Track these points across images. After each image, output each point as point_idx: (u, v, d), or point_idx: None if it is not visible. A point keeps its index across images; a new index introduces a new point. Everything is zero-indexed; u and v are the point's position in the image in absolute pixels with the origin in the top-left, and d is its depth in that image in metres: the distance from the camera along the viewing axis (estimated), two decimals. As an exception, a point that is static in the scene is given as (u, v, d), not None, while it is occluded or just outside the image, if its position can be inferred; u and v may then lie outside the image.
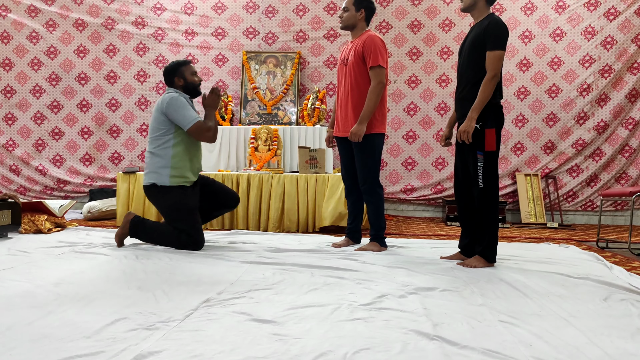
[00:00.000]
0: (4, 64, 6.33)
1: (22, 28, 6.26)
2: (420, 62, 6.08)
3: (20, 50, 6.30)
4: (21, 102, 6.36)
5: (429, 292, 2.42)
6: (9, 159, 6.40)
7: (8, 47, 6.30)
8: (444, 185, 6.10)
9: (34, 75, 6.32)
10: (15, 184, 6.37)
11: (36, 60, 6.30)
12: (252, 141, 5.47)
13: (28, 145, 6.40)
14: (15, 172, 6.39)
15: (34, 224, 4.26)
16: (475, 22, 3.14)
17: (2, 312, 2.02)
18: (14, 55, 6.31)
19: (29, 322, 1.90)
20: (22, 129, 6.39)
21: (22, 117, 6.38)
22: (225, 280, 2.62)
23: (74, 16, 6.22)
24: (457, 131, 3.07)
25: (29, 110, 6.37)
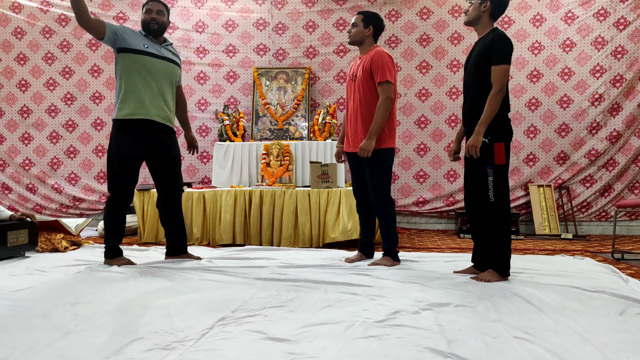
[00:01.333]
0: (20, 84, 6.45)
1: (37, 49, 6.39)
2: (430, 75, 6.11)
3: (36, 71, 6.42)
4: (37, 121, 6.47)
5: (443, 308, 2.42)
6: (26, 178, 6.50)
7: (25, 68, 6.42)
8: (456, 197, 6.09)
9: (49, 96, 6.43)
10: (32, 202, 6.46)
11: (51, 80, 6.41)
12: (264, 157, 5.51)
13: (44, 164, 6.50)
14: (32, 191, 6.48)
15: (51, 243, 4.31)
16: (480, 36, 3.16)
17: (22, 332, 2.05)
18: (30, 76, 6.43)
19: (48, 342, 1.93)
20: (38, 148, 6.49)
21: (38, 137, 6.49)
22: (240, 298, 2.64)
23: (88, 36, 6.33)
24: (465, 146, 3.08)
25: (44, 129, 6.48)
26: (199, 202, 4.95)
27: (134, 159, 3.56)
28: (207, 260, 3.81)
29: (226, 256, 4.02)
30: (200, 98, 6.37)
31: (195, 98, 6.37)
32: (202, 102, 6.37)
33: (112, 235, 3.63)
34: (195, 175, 6.40)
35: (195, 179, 6.39)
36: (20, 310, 2.39)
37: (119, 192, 3.58)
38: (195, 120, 6.37)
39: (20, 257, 3.98)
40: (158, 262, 3.71)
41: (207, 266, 3.57)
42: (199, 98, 6.37)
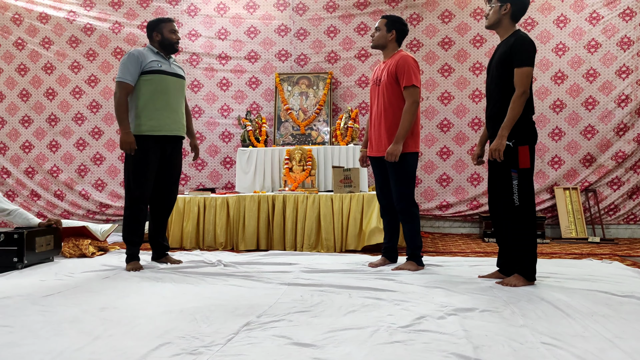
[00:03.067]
0: (48, 93, 6.58)
1: (64, 58, 6.52)
2: (452, 79, 6.07)
3: (62, 79, 6.55)
4: (64, 129, 6.60)
5: (469, 313, 2.41)
6: (54, 185, 6.62)
7: (52, 77, 6.56)
8: (480, 201, 6.03)
9: (75, 104, 6.55)
10: (60, 209, 6.58)
11: (77, 88, 6.54)
12: (286, 162, 5.53)
13: (71, 171, 6.62)
14: (60, 197, 6.60)
15: (78, 248, 4.39)
16: (502, 39, 3.14)
17: (53, 337, 2.10)
18: (57, 84, 6.56)
19: (78, 347, 1.97)
20: (66, 155, 6.62)
21: (65, 144, 6.61)
22: (264, 303, 2.66)
23: (113, 45, 6.44)
24: (489, 149, 3.06)
25: (71, 137, 6.60)
26: (222, 207, 4.99)
27: (149, 165, 3.76)
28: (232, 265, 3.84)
29: (250, 261, 4.05)
30: (223, 104, 6.42)
31: (218, 104, 6.43)
32: (224, 108, 6.43)
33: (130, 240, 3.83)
34: (218, 180, 6.45)
35: (218, 184, 6.44)
36: (50, 316, 2.44)
37: (134, 198, 3.79)
38: (218, 126, 6.43)
39: (48, 262, 4.06)
40: (183, 268, 3.76)
41: (232, 271, 3.60)
42: (221, 104, 6.43)
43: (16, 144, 6.65)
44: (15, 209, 4.27)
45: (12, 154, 6.66)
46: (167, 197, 3.99)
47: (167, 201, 4.01)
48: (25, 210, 4.38)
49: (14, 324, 2.30)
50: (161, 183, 3.93)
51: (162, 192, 3.95)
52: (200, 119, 6.43)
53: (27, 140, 6.64)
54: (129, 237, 3.82)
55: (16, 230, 3.84)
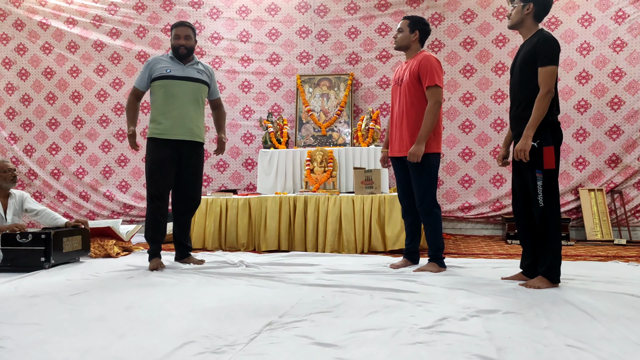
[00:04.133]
0: (73, 96, 6.70)
1: (90, 62, 6.63)
2: (474, 79, 6.03)
3: (88, 83, 6.66)
4: (90, 132, 6.71)
5: (491, 315, 2.39)
6: (79, 186, 6.74)
7: (77, 80, 6.68)
8: (503, 203, 5.98)
9: (100, 106, 6.66)
10: (85, 210, 6.69)
11: (102, 91, 6.65)
12: (307, 163, 5.55)
13: (96, 173, 6.73)
14: (85, 199, 6.72)
15: (104, 249, 4.47)
16: (525, 39, 3.11)
17: (80, 335, 2.14)
18: (83, 88, 6.68)
19: (104, 345, 2.00)
20: (91, 157, 6.73)
21: (91, 146, 6.73)
22: (286, 303, 2.67)
23: (137, 49, 6.53)
24: (514, 150, 3.04)
25: (97, 139, 6.71)
26: (244, 208, 5.02)
27: (160, 164, 3.85)
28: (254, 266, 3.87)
29: (272, 262, 4.07)
30: (245, 106, 6.47)
31: (240, 106, 6.48)
32: (246, 110, 6.47)
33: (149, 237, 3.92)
34: (240, 182, 6.50)
35: (240, 185, 6.49)
36: (77, 314, 2.49)
37: (150, 195, 3.88)
38: (240, 128, 6.48)
39: (75, 262, 4.13)
40: (206, 268, 3.79)
41: (254, 272, 3.63)
42: (243, 106, 6.47)
43: (43, 146, 6.79)
44: (43, 209, 4.37)
45: (39, 156, 6.79)
46: (187, 199, 4.03)
47: (188, 203, 4.05)
48: (52, 211, 4.46)
49: (42, 322, 2.35)
50: (181, 185, 3.99)
51: (183, 194, 4.01)
52: (222, 121, 6.48)
53: (53, 143, 6.77)
54: (148, 234, 3.92)
55: (43, 230, 3.92)
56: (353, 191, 5.15)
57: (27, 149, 6.80)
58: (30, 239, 3.78)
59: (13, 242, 3.77)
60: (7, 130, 6.80)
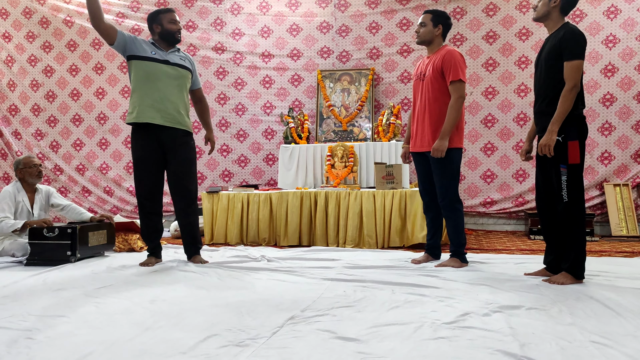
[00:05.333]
0: (98, 92, 6.80)
1: (113, 59, 6.72)
2: (497, 73, 5.96)
3: (112, 79, 6.75)
4: (113, 127, 6.81)
5: (515, 311, 2.37)
6: (104, 181, 6.84)
7: (101, 77, 6.77)
8: (526, 198, 5.91)
9: (124, 102, 6.75)
10: (109, 204, 6.79)
11: (126, 88, 6.73)
12: (328, 158, 5.56)
13: (120, 168, 6.82)
14: (109, 193, 6.82)
15: (128, 243, 4.54)
16: (550, 32, 3.07)
17: (106, 328, 2.18)
18: (107, 84, 6.77)
19: (130, 338, 2.04)
20: (115, 153, 6.82)
21: (114, 142, 6.82)
22: (308, 298, 2.68)
23: (159, 45, 6.60)
24: (538, 145, 3.00)
25: (120, 135, 6.80)
26: (265, 203, 5.05)
27: (145, 163, 3.73)
28: (276, 260, 3.90)
29: (293, 256, 4.09)
30: (266, 101, 6.50)
31: (261, 102, 6.50)
32: (267, 106, 6.50)
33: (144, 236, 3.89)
34: (261, 177, 6.53)
35: (261, 181, 6.52)
36: (103, 307, 2.54)
37: (138, 196, 3.82)
38: (261, 123, 6.50)
39: (100, 256, 4.20)
40: (228, 262, 3.83)
41: (276, 266, 3.66)
42: (264, 102, 6.50)
43: (68, 142, 6.90)
44: (69, 204, 4.45)
45: (64, 151, 6.91)
46: (180, 193, 3.82)
47: (183, 197, 3.83)
48: (78, 206, 4.54)
49: (69, 314, 2.40)
50: (172, 179, 3.83)
51: (176, 189, 3.83)
52: (243, 117, 6.53)
53: (78, 139, 6.88)
54: (143, 233, 3.87)
55: (69, 225, 3.99)
56: (374, 186, 5.14)
57: (53, 145, 6.92)
58: (56, 233, 3.85)
59: (40, 236, 3.85)
60: (33, 127, 6.93)
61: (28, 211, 4.25)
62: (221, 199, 5.18)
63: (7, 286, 3.03)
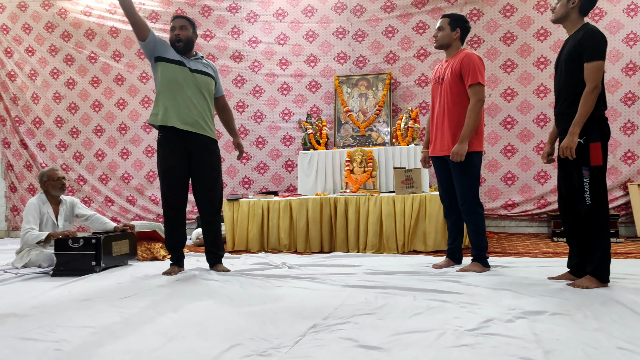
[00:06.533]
0: (119, 103, 6.90)
1: (134, 70, 6.82)
2: (515, 74, 5.92)
3: (132, 90, 6.85)
4: (134, 137, 6.90)
5: (538, 316, 2.35)
6: (126, 190, 6.94)
7: (122, 88, 6.87)
8: (548, 199, 5.85)
9: (145, 112, 6.84)
10: (132, 213, 6.88)
11: (147, 98, 6.82)
12: (347, 164, 5.56)
13: (141, 177, 6.91)
14: (132, 203, 6.91)
15: (151, 252, 4.59)
16: (570, 34, 3.04)
17: (131, 338, 2.21)
18: (127, 95, 6.87)
19: (155, 347, 2.07)
20: (136, 162, 6.91)
21: (135, 151, 6.91)
22: (329, 305, 2.69)
23: (178, 55, 6.68)
24: (559, 147, 2.97)
25: (140, 144, 6.89)
26: (285, 210, 5.07)
27: (172, 172, 3.73)
28: (297, 267, 3.91)
29: (314, 263, 4.10)
30: (284, 108, 6.53)
31: (280, 109, 6.54)
32: (285, 113, 6.53)
33: (167, 245, 3.90)
34: (280, 183, 6.56)
35: (280, 187, 6.55)
36: (128, 317, 2.57)
37: (164, 205, 3.82)
38: (279, 130, 6.54)
39: (123, 265, 4.26)
40: (250, 270, 3.85)
41: (297, 273, 3.67)
42: (282, 108, 6.53)
43: (90, 152, 7.01)
44: (92, 214, 4.52)
45: (87, 162, 7.03)
46: (206, 201, 3.85)
47: (209, 206, 3.85)
48: (101, 215, 4.61)
49: (95, 324, 2.44)
50: (198, 187, 3.84)
51: (202, 197, 3.85)
52: (262, 124, 6.57)
53: (100, 149, 6.99)
54: (167, 242, 3.88)
55: (94, 235, 4.05)
56: (393, 191, 5.12)
57: (76, 156, 7.04)
58: (81, 243, 3.92)
59: (66, 247, 3.92)
60: (56, 138, 7.06)
61: (53, 222, 4.33)
62: (242, 207, 5.21)
63: (35, 297, 3.09)
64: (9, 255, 4.68)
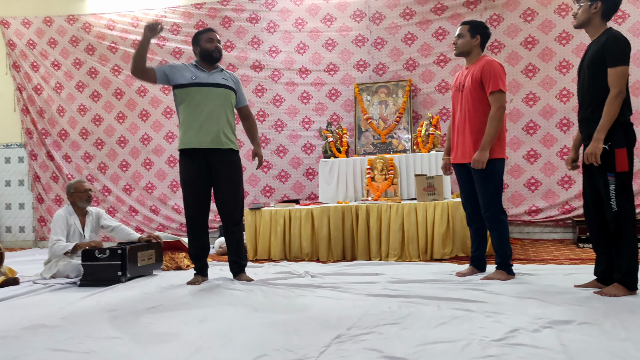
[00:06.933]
0: (141, 114, 7.01)
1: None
2: (537, 79, 5.87)
3: (154, 101, 6.96)
4: (156, 147, 7.00)
5: (566, 326, 2.32)
6: (149, 200, 7.03)
7: (144, 99, 6.98)
8: (572, 205, 5.77)
9: (167, 123, 6.93)
10: (155, 223, 6.97)
11: (168, 109, 6.91)
12: (368, 171, 5.56)
13: (164, 187, 6.99)
14: (155, 212, 7.00)
15: (175, 262, 4.64)
16: (592, 39, 3.01)
17: (158, 349, 2.24)
18: (150, 106, 6.98)
19: (182, 358, 2.09)
20: (159, 172, 7.00)
21: (158, 162, 7.01)
22: (353, 315, 2.69)
23: (199, 66, 6.77)
24: (584, 153, 2.94)
25: (163, 154, 6.99)
26: (307, 218, 5.09)
27: (193, 183, 3.81)
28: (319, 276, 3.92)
29: (337, 272, 4.11)
30: (304, 117, 6.56)
31: (300, 117, 6.57)
32: (306, 121, 6.56)
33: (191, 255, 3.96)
34: (301, 192, 6.58)
35: (302, 195, 6.57)
36: (154, 327, 2.61)
37: (187, 216, 3.89)
38: (300, 138, 6.57)
39: (149, 275, 4.31)
40: (272, 279, 3.87)
41: (319, 282, 3.67)
42: (303, 117, 6.56)
43: (114, 163, 7.13)
44: (117, 225, 4.60)
45: (112, 172, 7.14)
46: (228, 211, 3.91)
47: (231, 216, 3.92)
48: (126, 226, 4.68)
49: (123, 335, 2.48)
50: (220, 198, 3.90)
51: (224, 207, 3.92)
52: (282, 133, 6.61)
53: (123, 160, 7.10)
54: (190, 252, 3.96)
55: (119, 246, 4.12)
56: (415, 198, 5.11)
57: (101, 167, 7.16)
58: (107, 254, 3.98)
59: (92, 257, 3.98)
60: (81, 150, 7.19)
61: (80, 233, 4.40)
62: (263, 215, 5.24)
63: (64, 308, 3.15)
64: (37, 266, 4.77)
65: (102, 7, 7.08)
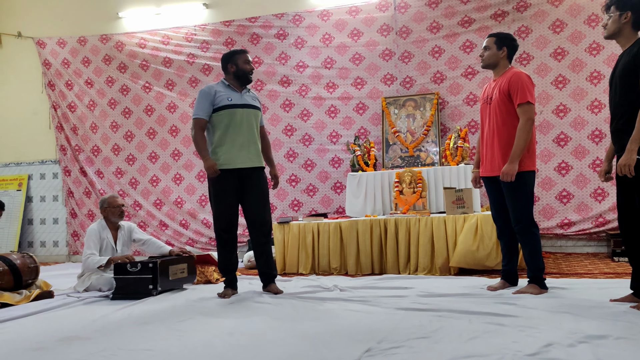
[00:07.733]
0: (171, 130, 7.14)
1: (185, 97, 7.05)
2: (567, 90, 5.79)
3: (184, 117, 7.08)
4: (186, 163, 7.10)
5: (602, 341, 2.27)
6: (179, 215, 7.13)
7: (174, 115, 7.12)
8: (606, 218, 5.64)
9: (196, 138, 7.04)
10: (185, 237, 7.05)
11: (198, 124, 7.02)
12: (396, 184, 5.54)
13: (194, 201, 7.09)
14: (185, 226, 7.09)
15: (204, 275, 4.68)
16: (623, 49, 2.97)
17: (191, 361, 2.27)
18: (179, 122, 7.11)
19: (213, 371, 2.11)
20: (188, 187, 7.10)
21: (188, 176, 7.11)
22: (383, 329, 2.68)
23: (228, 82, 6.87)
24: (617, 165, 2.89)
25: (193, 169, 7.09)
26: (335, 232, 5.09)
27: (226, 194, 3.90)
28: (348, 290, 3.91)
29: (366, 285, 4.09)
30: (332, 131, 6.59)
31: (327, 131, 6.60)
32: (333, 135, 6.59)
33: (221, 269, 4.02)
34: (329, 205, 6.59)
35: (329, 209, 6.58)
36: (185, 340, 2.64)
37: (217, 230, 3.95)
38: (328, 152, 6.59)
39: (179, 289, 4.36)
40: (301, 293, 3.87)
41: (349, 296, 3.66)
42: (330, 131, 6.59)
43: (145, 178, 7.26)
44: (149, 239, 4.68)
45: (142, 187, 7.27)
46: (258, 224, 3.99)
47: (260, 229, 4.00)
48: (156, 239, 4.75)
49: (154, 347, 2.51)
50: (250, 212, 3.99)
51: (253, 221, 4.00)
52: (310, 147, 6.64)
53: (154, 175, 7.22)
54: (220, 266, 4.02)
55: (151, 259, 4.18)
56: (444, 211, 5.07)
57: (132, 182, 7.30)
58: (139, 267, 4.04)
59: (124, 271, 4.05)
60: (113, 166, 7.35)
61: (112, 247, 4.49)
62: (292, 229, 5.26)
63: (96, 320, 3.21)
64: (70, 279, 4.86)
65: (134, 26, 7.28)
